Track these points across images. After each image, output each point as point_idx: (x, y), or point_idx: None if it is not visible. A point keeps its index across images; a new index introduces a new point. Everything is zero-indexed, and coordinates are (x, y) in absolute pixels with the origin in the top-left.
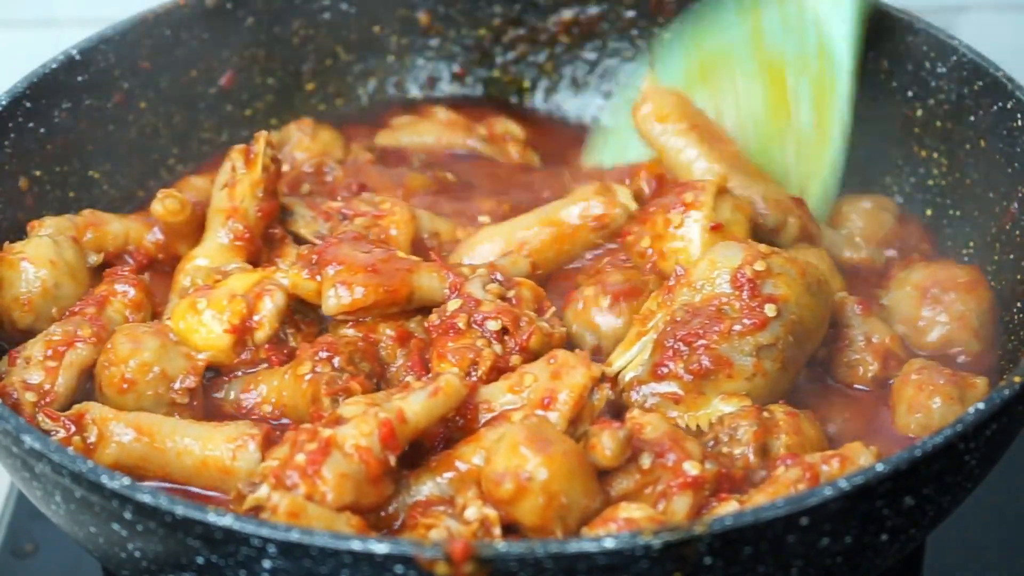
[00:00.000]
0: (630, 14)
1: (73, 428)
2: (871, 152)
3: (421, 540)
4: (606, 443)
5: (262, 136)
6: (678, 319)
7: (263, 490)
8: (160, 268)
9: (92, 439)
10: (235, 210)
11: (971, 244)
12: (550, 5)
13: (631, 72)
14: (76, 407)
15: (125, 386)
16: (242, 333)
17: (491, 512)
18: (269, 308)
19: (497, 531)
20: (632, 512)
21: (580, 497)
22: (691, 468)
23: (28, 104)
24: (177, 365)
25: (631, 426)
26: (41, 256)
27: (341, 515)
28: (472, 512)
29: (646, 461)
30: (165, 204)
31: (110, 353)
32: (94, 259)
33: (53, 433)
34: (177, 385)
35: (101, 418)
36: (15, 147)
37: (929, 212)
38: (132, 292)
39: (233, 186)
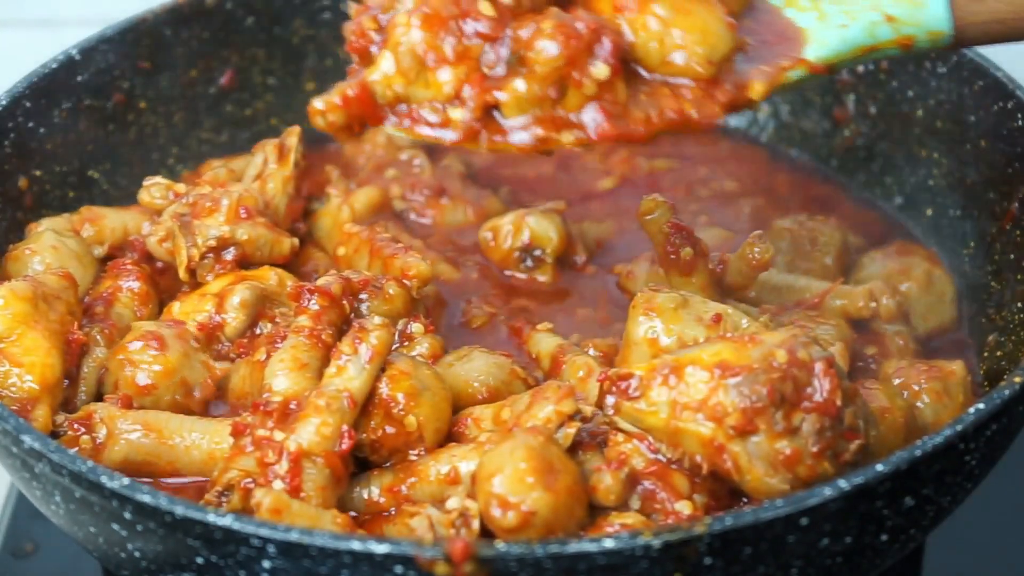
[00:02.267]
0: None
1: (82, 429)
2: (871, 152)
3: (421, 540)
4: (608, 484)
5: (295, 132)
6: None
7: (235, 501)
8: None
9: (101, 438)
10: (266, 204)
11: (971, 244)
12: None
13: None
14: (84, 408)
15: (145, 390)
16: (210, 330)
17: (471, 504)
18: (235, 303)
19: (476, 523)
20: (625, 519)
21: (573, 527)
22: (684, 508)
23: (28, 104)
24: (197, 373)
25: (620, 457)
26: (44, 245)
27: (326, 512)
28: (454, 502)
29: (635, 503)
30: (151, 192)
31: (132, 354)
32: (99, 251)
33: (62, 432)
34: (196, 394)
35: (109, 416)
36: (15, 147)
37: (929, 212)
38: (137, 285)
39: (264, 180)
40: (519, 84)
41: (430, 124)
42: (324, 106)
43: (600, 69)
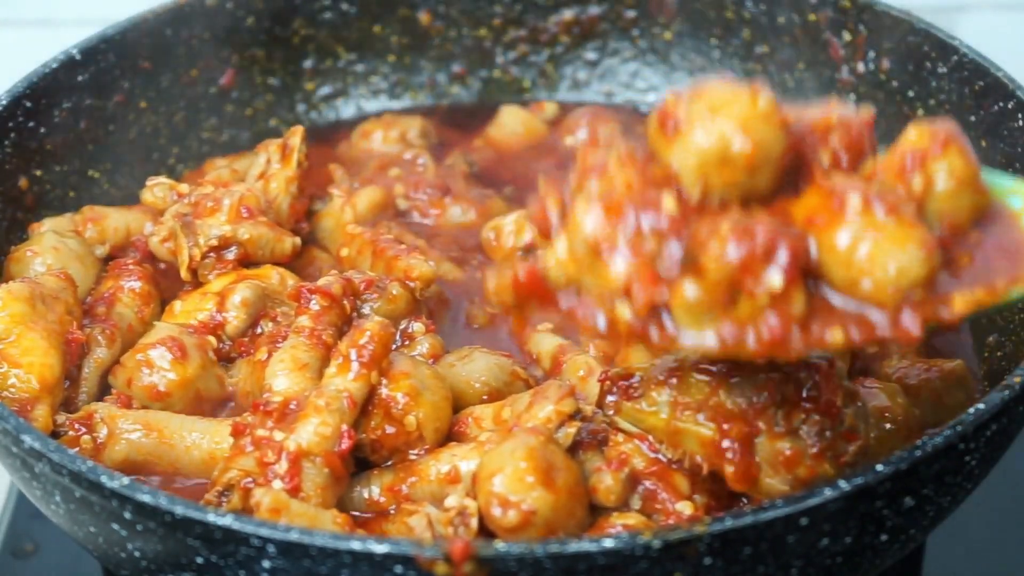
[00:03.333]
0: (630, 14)
1: (83, 429)
2: None
3: (421, 540)
4: (609, 484)
5: (298, 132)
6: None
7: (235, 500)
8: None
9: (102, 438)
10: (269, 204)
11: None
12: (550, 5)
13: (631, 72)
14: (84, 408)
15: (159, 396)
16: (211, 329)
17: (470, 502)
18: (236, 302)
19: (474, 522)
20: (626, 520)
21: (574, 528)
22: (685, 508)
23: (28, 104)
24: (210, 386)
25: (621, 457)
26: (45, 246)
27: (326, 512)
28: (452, 500)
29: (636, 503)
30: (154, 192)
31: (152, 359)
32: (101, 251)
33: (63, 432)
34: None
35: (110, 416)
36: (15, 147)
37: None
38: (138, 285)
39: (267, 180)
40: (690, 289)
41: (596, 316)
42: (496, 286)
43: (774, 278)
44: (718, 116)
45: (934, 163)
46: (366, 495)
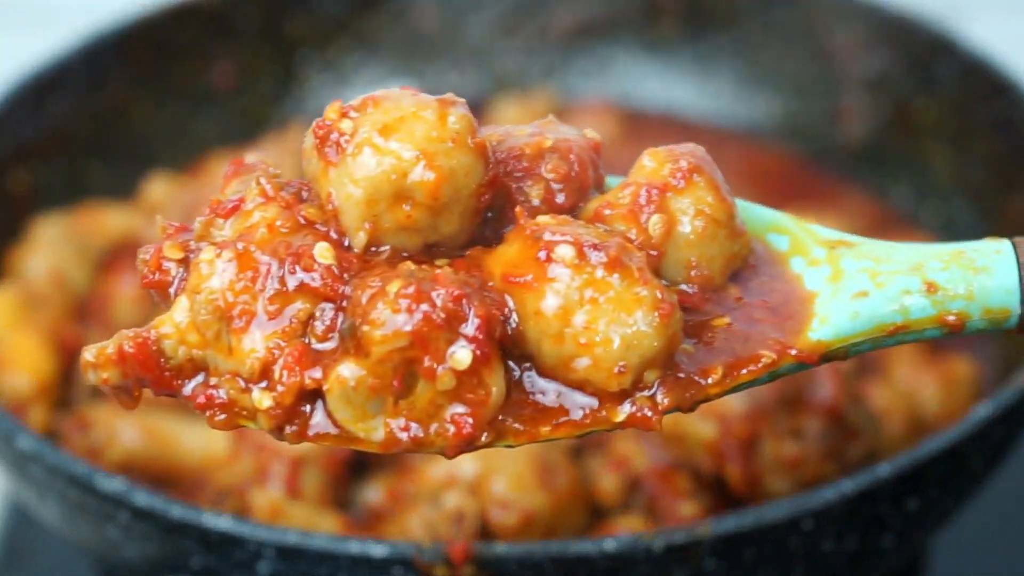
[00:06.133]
0: (630, 14)
1: (81, 431)
2: (873, 152)
3: (420, 543)
4: (609, 487)
5: (301, 129)
6: None
7: (233, 503)
8: None
9: (100, 440)
10: None
11: None
12: (551, 4)
13: (631, 72)
14: (82, 410)
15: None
16: None
17: (468, 502)
18: None
19: (473, 522)
20: (629, 522)
21: (574, 530)
22: (687, 510)
23: (25, 102)
24: None
25: (622, 459)
26: (43, 245)
27: (324, 515)
28: (450, 501)
29: (639, 505)
30: (154, 190)
31: None
32: (99, 249)
33: (60, 435)
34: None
35: (108, 418)
36: (12, 145)
37: (931, 211)
38: (136, 283)
39: None
40: (347, 371)
41: (225, 407)
42: (95, 359)
43: (461, 356)
44: (394, 135)
45: (676, 199)
46: (366, 498)
